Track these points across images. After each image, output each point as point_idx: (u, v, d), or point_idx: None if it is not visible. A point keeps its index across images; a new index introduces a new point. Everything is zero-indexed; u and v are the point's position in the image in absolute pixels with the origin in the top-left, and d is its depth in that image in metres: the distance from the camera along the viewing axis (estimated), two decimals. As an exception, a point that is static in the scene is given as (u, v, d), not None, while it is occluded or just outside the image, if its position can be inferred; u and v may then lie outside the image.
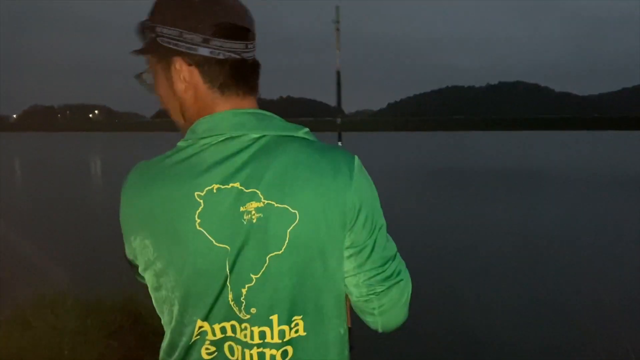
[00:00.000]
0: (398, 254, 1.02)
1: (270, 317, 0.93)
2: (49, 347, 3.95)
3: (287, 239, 0.90)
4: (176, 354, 0.97)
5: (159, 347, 1.03)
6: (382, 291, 0.98)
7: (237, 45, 0.96)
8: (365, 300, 0.99)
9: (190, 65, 0.96)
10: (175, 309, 0.95)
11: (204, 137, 0.93)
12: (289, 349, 0.94)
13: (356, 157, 0.97)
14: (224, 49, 0.95)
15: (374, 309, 0.99)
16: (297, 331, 0.94)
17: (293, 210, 0.90)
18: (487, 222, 12.29)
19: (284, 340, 0.93)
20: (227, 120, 0.94)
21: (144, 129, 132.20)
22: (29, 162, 36.35)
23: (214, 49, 0.94)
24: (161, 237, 0.92)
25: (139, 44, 1.02)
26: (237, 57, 0.96)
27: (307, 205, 0.91)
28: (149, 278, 0.98)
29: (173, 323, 0.96)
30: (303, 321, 0.94)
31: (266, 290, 0.92)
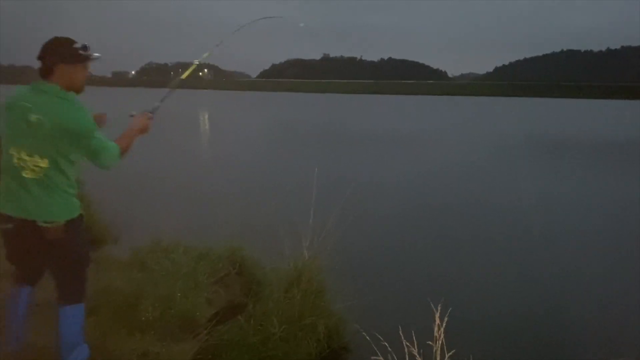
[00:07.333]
0: (102, 144, 2.65)
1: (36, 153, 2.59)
2: (164, 288, 4.25)
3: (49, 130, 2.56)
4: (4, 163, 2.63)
5: (262, 296, 1.22)
6: (92, 157, 2.67)
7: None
8: (92, 161, 2.69)
9: None
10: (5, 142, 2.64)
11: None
12: (44, 165, 2.60)
13: (75, 98, 2.68)
14: None
15: (93, 162, 2.70)
16: (45, 163, 2.59)
17: (49, 123, 2.54)
18: (587, 199, 11.51)
19: (39, 166, 2.59)
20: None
21: (250, 88, 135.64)
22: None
23: None
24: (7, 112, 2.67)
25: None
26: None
27: (58, 119, 2.57)
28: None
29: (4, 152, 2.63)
30: (47, 160, 2.59)
31: (34, 144, 2.57)
